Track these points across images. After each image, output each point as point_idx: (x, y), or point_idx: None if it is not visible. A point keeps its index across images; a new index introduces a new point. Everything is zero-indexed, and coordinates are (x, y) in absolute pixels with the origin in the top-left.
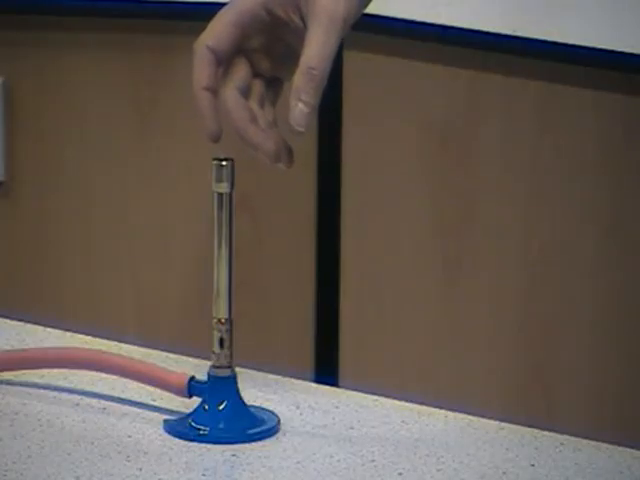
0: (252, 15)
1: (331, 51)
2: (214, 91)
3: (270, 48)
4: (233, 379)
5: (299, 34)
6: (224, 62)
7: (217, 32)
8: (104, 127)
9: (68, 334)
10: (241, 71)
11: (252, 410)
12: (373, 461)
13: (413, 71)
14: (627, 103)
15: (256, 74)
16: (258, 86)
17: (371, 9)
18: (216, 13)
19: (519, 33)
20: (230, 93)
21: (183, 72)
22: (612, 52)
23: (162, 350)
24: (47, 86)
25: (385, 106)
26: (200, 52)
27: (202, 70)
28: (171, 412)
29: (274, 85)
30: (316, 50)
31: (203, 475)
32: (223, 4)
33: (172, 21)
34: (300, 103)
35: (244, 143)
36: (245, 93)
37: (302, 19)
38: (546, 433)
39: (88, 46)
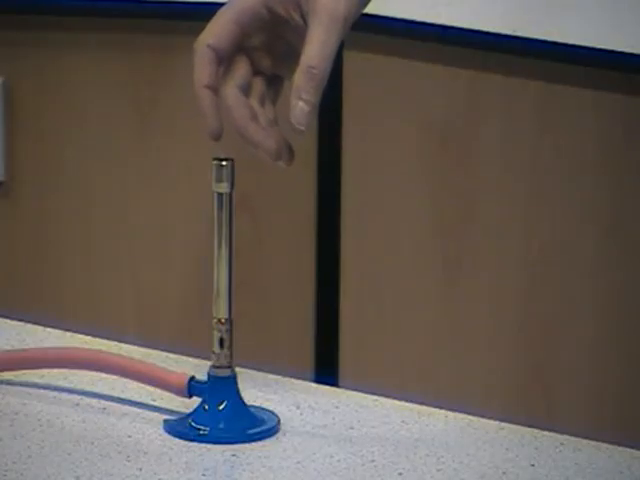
0: (253, 13)
1: (332, 50)
2: (215, 89)
3: (271, 46)
4: (233, 379)
5: (300, 32)
6: (225, 60)
7: (218, 30)
8: (104, 127)
9: (68, 334)
10: (241, 69)
11: (252, 410)
12: (373, 461)
13: (413, 71)
14: (627, 103)
15: (256, 72)
16: (259, 84)
17: (371, 9)
18: (216, 13)
19: (519, 33)
20: (230, 91)
21: (183, 72)
22: (612, 52)
23: (162, 350)
24: (47, 86)
25: (385, 106)
26: (201, 50)
27: (203, 68)
28: (171, 412)
29: (275, 83)
30: (317, 49)
31: (203, 475)
32: (223, 4)
33: (172, 21)
34: (301, 102)
35: (244, 141)
36: (246, 91)
37: (303, 17)
38: (546, 433)
39: (88, 46)
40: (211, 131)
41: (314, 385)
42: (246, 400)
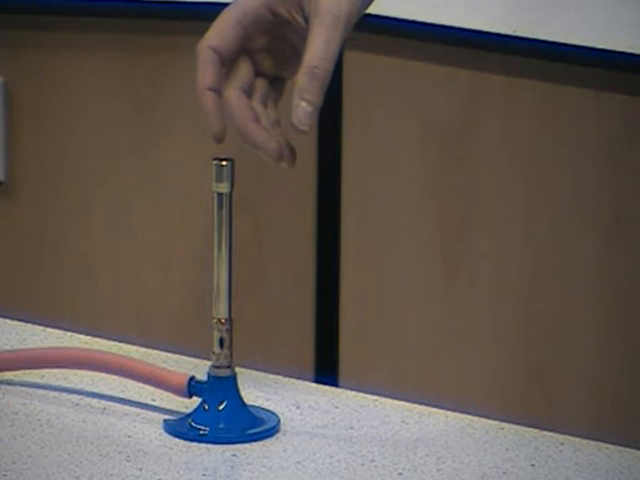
0: (255, 15)
1: (334, 50)
2: (218, 91)
3: (273, 47)
4: (233, 379)
5: (302, 33)
6: (228, 62)
7: (221, 32)
8: (104, 127)
9: (68, 334)
10: (244, 71)
11: (252, 410)
12: (373, 461)
13: (413, 71)
14: (627, 103)
15: (259, 73)
16: (261, 86)
17: (371, 9)
18: (217, 13)
19: (519, 33)
20: (233, 93)
21: (183, 72)
22: (612, 52)
23: (162, 350)
24: (47, 86)
25: (385, 106)
26: (204, 52)
27: (206, 70)
28: (171, 412)
29: (277, 85)
30: (319, 49)
31: (203, 475)
32: (223, 4)
33: (172, 21)
34: (303, 102)
35: (247, 142)
36: (248, 93)
37: (305, 18)
38: (546, 433)
39: (88, 46)
40: (214, 133)
41: (314, 385)
42: (246, 400)
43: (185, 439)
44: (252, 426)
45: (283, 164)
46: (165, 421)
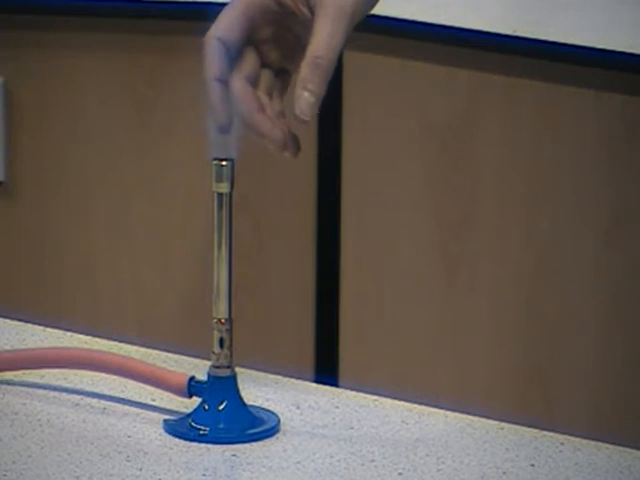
0: (261, 6)
1: (338, 42)
2: (225, 82)
3: (279, 39)
4: (233, 379)
5: (307, 25)
6: (234, 53)
7: (227, 23)
8: (104, 127)
9: (68, 334)
10: (250, 61)
11: (252, 410)
12: (373, 461)
13: (413, 71)
14: (627, 103)
15: (264, 65)
16: (266, 77)
17: None
18: (217, 14)
19: (519, 33)
20: (239, 83)
21: (183, 72)
22: (612, 52)
23: (162, 350)
24: (47, 86)
25: (385, 106)
26: (211, 43)
27: (213, 61)
28: (171, 412)
29: (282, 76)
30: (323, 40)
31: (203, 475)
32: (223, 4)
33: (172, 21)
34: (306, 92)
35: (251, 131)
36: (253, 83)
37: (310, 10)
38: (546, 433)
39: (88, 46)
40: (220, 124)
41: (314, 385)
42: (246, 400)
43: (185, 439)
44: (252, 426)
45: (287, 153)
46: (165, 421)
